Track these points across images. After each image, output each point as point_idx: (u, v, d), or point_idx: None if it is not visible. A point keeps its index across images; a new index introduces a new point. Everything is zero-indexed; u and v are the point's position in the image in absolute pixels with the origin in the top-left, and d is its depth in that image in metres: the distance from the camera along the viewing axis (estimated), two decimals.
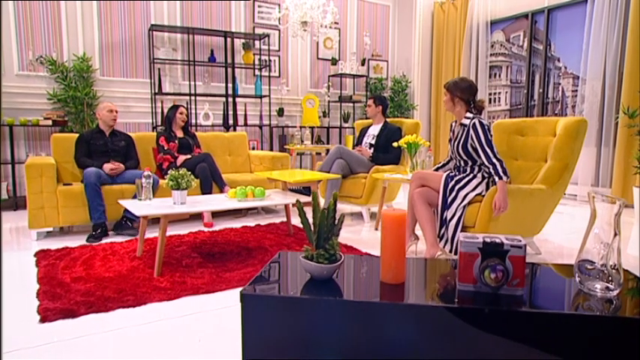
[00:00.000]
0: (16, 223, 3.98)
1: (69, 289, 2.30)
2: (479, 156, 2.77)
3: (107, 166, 3.67)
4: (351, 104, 6.85)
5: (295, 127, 6.31)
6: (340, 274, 1.44)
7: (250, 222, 4.00)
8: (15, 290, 2.36)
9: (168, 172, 2.79)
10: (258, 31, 6.01)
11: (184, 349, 1.75)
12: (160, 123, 5.40)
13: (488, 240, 1.27)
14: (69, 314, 2.02)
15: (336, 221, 1.38)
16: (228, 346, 1.78)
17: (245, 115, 5.97)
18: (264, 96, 5.97)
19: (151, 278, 2.48)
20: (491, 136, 2.76)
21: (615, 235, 1.29)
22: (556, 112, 5.65)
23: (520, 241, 1.28)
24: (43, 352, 1.72)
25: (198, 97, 5.62)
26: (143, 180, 2.86)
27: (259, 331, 1.27)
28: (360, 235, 3.61)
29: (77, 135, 3.88)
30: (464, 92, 2.84)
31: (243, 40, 5.87)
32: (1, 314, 1.91)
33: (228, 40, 5.80)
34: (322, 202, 3.43)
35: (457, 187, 2.80)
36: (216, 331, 1.91)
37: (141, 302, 2.18)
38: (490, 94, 6.37)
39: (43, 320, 1.97)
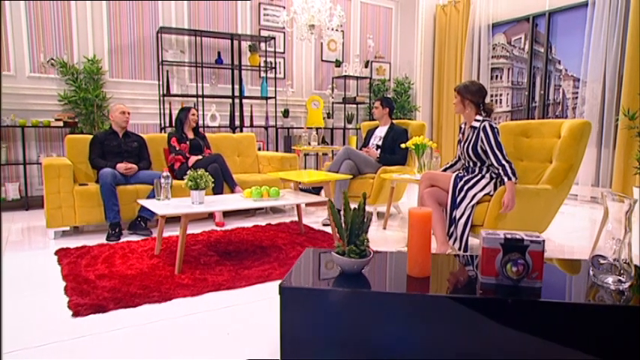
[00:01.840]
0: (29, 223, 4.06)
1: (95, 286, 2.39)
2: (488, 157, 2.87)
3: (121, 166, 3.74)
4: (355, 105, 6.95)
5: (301, 128, 6.41)
6: (368, 269, 1.53)
7: (260, 221, 4.08)
8: (42, 287, 2.45)
9: (187, 172, 2.88)
10: (264, 33, 6.10)
11: (214, 342, 1.83)
12: (168, 124, 5.48)
13: (509, 236, 1.37)
14: (99, 309, 2.10)
15: (365, 219, 1.48)
16: (256, 338, 1.87)
17: (251, 116, 6.06)
18: (270, 97, 6.05)
19: (173, 275, 2.56)
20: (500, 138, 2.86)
21: (626, 231, 1.38)
22: (557, 113, 5.76)
23: (538, 237, 1.37)
24: (80, 344, 1.81)
25: (205, 99, 5.71)
26: (162, 180, 2.95)
27: (296, 320, 1.36)
28: (369, 234, 3.69)
29: (91, 136, 3.97)
30: (474, 95, 2.94)
31: (249, 43, 5.95)
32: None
33: (235, 42, 5.88)
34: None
35: (466, 187, 2.89)
36: (243, 324, 2.00)
37: (166, 298, 2.26)
38: (492, 95, 6.48)
39: (75, 315, 2.05)
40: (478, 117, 2.96)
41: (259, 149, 6.01)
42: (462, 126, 3.15)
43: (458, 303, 1.32)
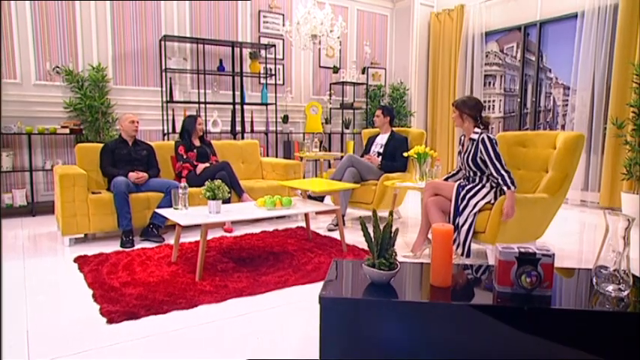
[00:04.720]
0: (38, 229, 4.13)
1: (122, 293, 2.50)
2: (487, 167, 3.05)
3: (132, 175, 3.84)
4: (352, 111, 7.11)
5: (299, 133, 6.54)
6: (394, 279, 1.69)
7: (267, 227, 4.22)
8: (70, 294, 2.56)
9: (205, 183, 3.00)
10: (264, 40, 6.23)
11: (246, 346, 1.97)
12: (170, 130, 5.58)
13: (522, 250, 1.53)
14: (132, 316, 2.23)
15: (392, 234, 1.63)
16: (286, 342, 2.01)
17: (252, 122, 6.18)
18: (270, 103, 6.18)
19: (194, 282, 2.69)
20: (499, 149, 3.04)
21: (625, 245, 1.56)
22: (547, 120, 5.99)
23: (549, 250, 1.54)
24: (119, 350, 1.93)
25: (207, 105, 5.81)
26: (180, 191, 3.07)
27: (333, 327, 1.51)
28: None
29: (101, 145, 4.06)
30: (472, 109, 3.14)
31: (249, 50, 6.08)
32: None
33: (236, 49, 6.00)
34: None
35: (468, 196, 3.07)
36: (271, 329, 2.14)
37: (192, 304, 2.39)
38: (485, 101, 6.69)
39: (110, 322, 2.17)
40: (476, 129, 3.14)
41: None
42: (462, 138, 3.33)
43: (478, 310, 1.48)
